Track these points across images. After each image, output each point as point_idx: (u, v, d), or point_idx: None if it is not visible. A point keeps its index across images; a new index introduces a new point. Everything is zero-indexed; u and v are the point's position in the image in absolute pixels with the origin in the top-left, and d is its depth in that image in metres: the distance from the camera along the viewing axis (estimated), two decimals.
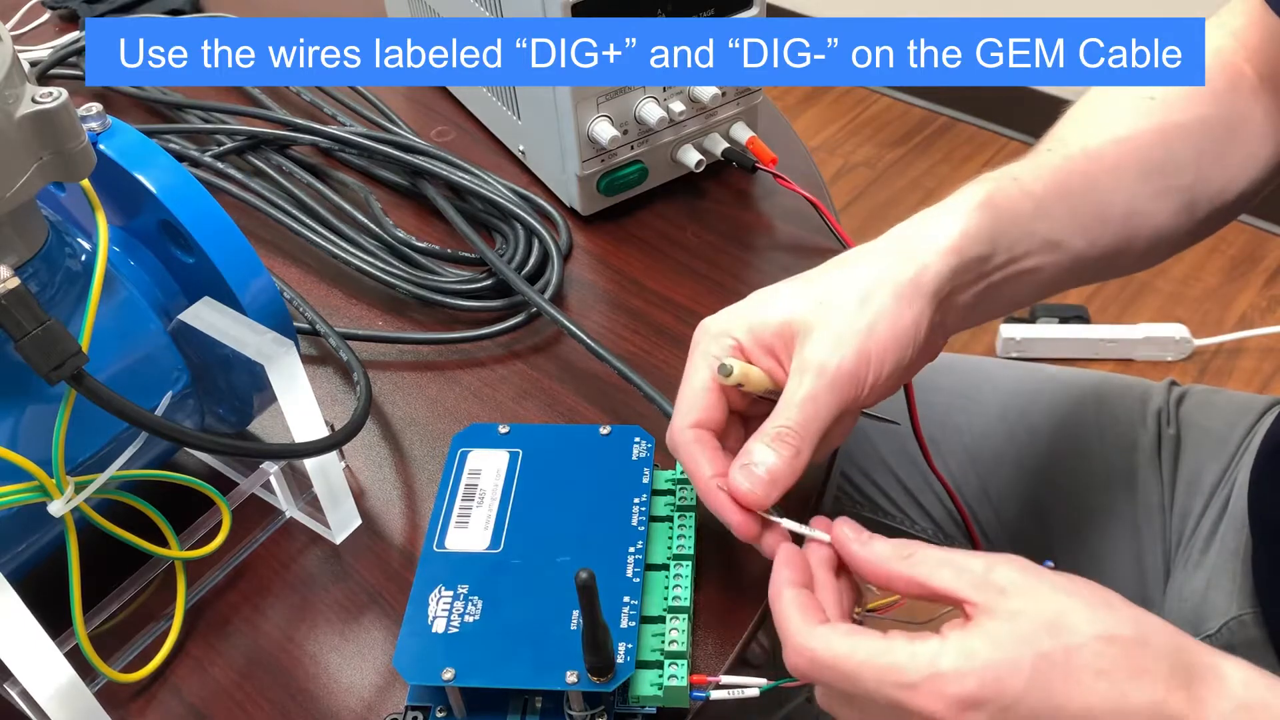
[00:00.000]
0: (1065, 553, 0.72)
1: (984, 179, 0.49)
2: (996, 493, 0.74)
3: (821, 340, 0.44)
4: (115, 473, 0.46)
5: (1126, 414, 0.73)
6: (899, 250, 0.47)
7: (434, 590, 0.46)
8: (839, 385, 0.44)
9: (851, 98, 2.20)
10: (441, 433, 0.59)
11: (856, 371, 0.44)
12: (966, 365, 0.81)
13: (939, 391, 0.78)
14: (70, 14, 0.94)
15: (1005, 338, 1.65)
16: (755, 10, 0.66)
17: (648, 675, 0.44)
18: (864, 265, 0.47)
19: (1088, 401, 0.75)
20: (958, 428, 0.76)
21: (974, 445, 0.75)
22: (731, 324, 0.47)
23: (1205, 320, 1.70)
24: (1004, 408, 0.76)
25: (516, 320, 0.64)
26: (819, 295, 0.46)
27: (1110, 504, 0.71)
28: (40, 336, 0.40)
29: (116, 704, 0.48)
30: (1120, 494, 0.71)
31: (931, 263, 0.46)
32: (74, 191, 0.50)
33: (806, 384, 0.44)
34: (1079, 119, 0.55)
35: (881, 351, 0.44)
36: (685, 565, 0.47)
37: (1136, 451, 0.72)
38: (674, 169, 0.71)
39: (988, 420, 0.75)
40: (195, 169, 0.72)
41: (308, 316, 0.63)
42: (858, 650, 0.38)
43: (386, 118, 0.77)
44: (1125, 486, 0.71)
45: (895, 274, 0.46)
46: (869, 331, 0.44)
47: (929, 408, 0.77)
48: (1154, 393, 0.75)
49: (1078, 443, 0.73)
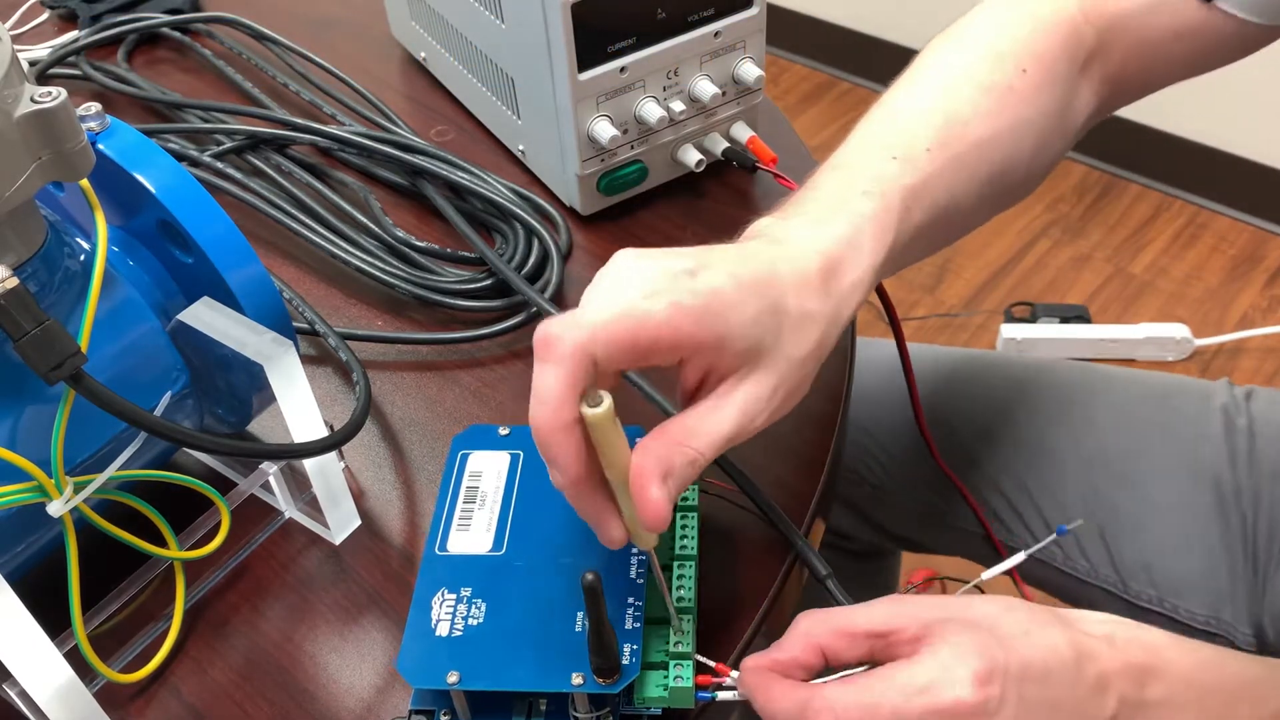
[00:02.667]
0: (1128, 546, 0.72)
1: (885, 195, 0.48)
2: (1058, 485, 0.74)
3: (764, 381, 0.43)
4: (114, 473, 0.46)
5: (1190, 410, 0.74)
6: (821, 289, 0.45)
7: (437, 593, 0.45)
8: (760, 422, 0.44)
9: (852, 97, 2.20)
10: (441, 433, 0.59)
11: (781, 409, 0.45)
12: (1024, 364, 0.81)
13: (996, 388, 0.78)
14: (69, 13, 0.94)
15: (1005, 338, 1.65)
16: (755, 10, 0.66)
17: (653, 676, 0.44)
18: (791, 296, 0.44)
19: (1149, 398, 0.76)
20: (1018, 423, 0.76)
21: (1035, 441, 0.75)
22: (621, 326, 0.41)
23: (1206, 320, 1.70)
24: (1064, 403, 0.76)
25: (516, 320, 0.64)
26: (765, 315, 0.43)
27: (1178, 497, 0.72)
28: (39, 336, 0.40)
29: (115, 704, 0.48)
30: (1187, 486, 0.72)
31: (851, 304, 0.46)
32: (73, 191, 0.50)
33: (731, 423, 0.43)
34: (948, 108, 0.53)
35: (804, 381, 0.45)
36: (689, 566, 0.47)
37: (1205, 444, 0.72)
38: (674, 169, 0.71)
39: (1049, 416, 0.76)
40: (194, 169, 0.72)
41: (307, 316, 0.62)
42: (861, 689, 0.39)
43: (386, 117, 0.77)
44: (1193, 479, 0.72)
45: (826, 312, 0.45)
46: (802, 376, 0.45)
47: (986, 403, 0.77)
48: (1215, 390, 0.76)
49: (1141, 438, 0.74)
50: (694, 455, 0.41)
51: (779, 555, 0.52)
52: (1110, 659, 0.41)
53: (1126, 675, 0.41)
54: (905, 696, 0.38)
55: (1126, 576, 0.72)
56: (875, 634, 0.41)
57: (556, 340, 0.40)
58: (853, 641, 0.42)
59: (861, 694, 0.39)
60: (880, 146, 0.50)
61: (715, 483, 0.52)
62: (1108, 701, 0.40)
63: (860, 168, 0.49)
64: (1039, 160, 0.56)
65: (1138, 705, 0.41)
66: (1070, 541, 0.73)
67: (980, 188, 0.52)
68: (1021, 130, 0.54)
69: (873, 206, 0.47)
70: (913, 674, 0.39)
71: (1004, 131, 0.53)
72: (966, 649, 0.39)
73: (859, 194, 0.47)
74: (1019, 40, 0.55)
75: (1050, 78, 0.54)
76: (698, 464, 0.42)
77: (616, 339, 0.40)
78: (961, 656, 0.39)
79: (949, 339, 1.73)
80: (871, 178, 0.48)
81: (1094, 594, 0.74)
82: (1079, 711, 0.40)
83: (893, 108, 0.53)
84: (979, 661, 0.38)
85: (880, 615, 0.42)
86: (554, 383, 0.39)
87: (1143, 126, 1.89)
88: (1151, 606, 0.72)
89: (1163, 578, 0.71)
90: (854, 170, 0.49)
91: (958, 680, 0.38)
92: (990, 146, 0.52)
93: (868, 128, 0.53)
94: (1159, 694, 0.41)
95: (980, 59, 0.54)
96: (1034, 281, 1.80)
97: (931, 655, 0.39)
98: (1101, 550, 0.73)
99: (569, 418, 0.40)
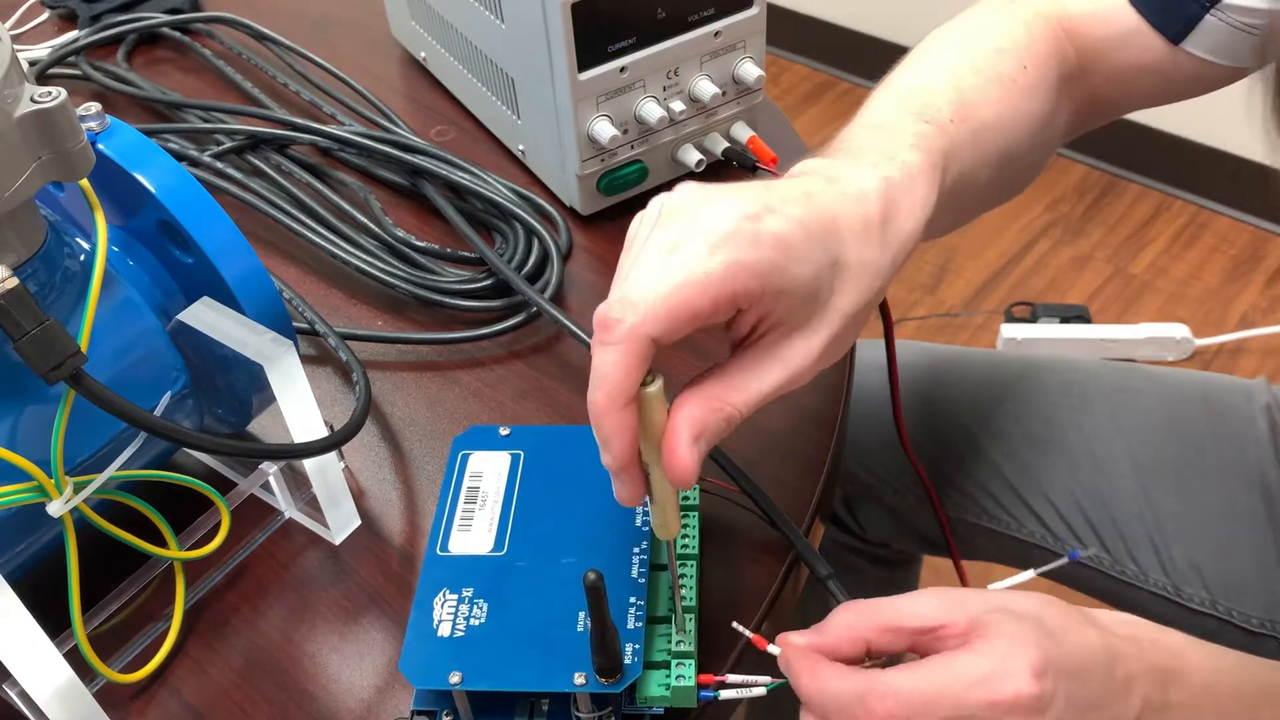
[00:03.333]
0: (1178, 549, 0.72)
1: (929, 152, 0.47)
2: (1110, 490, 0.74)
3: (814, 337, 0.42)
4: (114, 473, 0.46)
5: (1234, 411, 0.75)
6: (880, 236, 0.44)
7: (438, 594, 0.45)
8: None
9: (852, 97, 2.20)
10: (441, 433, 0.59)
11: (827, 363, 0.44)
12: (1069, 365, 0.81)
13: (1044, 390, 0.78)
14: (69, 13, 0.94)
15: (1006, 338, 1.65)
16: (755, 10, 0.66)
17: (655, 676, 0.44)
18: (851, 246, 0.43)
19: (1194, 400, 0.76)
20: (1064, 425, 0.76)
21: (1084, 444, 0.75)
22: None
23: (1206, 320, 1.70)
24: (1114, 405, 0.76)
25: (516, 320, 0.63)
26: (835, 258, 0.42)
27: (1230, 499, 0.72)
28: (39, 336, 0.40)
29: (115, 704, 0.48)
30: (1237, 486, 0.72)
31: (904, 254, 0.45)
32: (73, 191, 0.50)
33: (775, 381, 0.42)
34: (959, 88, 0.53)
35: (853, 335, 0.44)
36: (690, 565, 0.47)
37: (1251, 445, 0.73)
38: (674, 168, 0.71)
39: (1098, 420, 0.76)
40: (194, 169, 0.72)
41: (307, 316, 0.62)
42: (924, 678, 0.39)
43: (386, 117, 0.77)
44: (1244, 480, 0.72)
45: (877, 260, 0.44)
46: (853, 329, 0.44)
47: (1032, 406, 0.77)
48: (1256, 390, 0.76)
49: (1189, 440, 0.74)
50: (731, 413, 0.41)
51: (779, 555, 0.52)
52: (1136, 660, 0.40)
53: (1150, 677, 0.40)
54: (966, 687, 0.38)
55: (1178, 580, 0.72)
56: (924, 629, 0.40)
57: (615, 324, 0.38)
58: (898, 636, 0.41)
59: (925, 683, 0.38)
60: (909, 112, 0.49)
61: (716, 482, 0.52)
62: (1133, 701, 0.40)
63: (898, 127, 0.48)
64: (1035, 156, 0.57)
65: (1161, 708, 0.40)
66: (1119, 545, 0.73)
67: (990, 170, 0.52)
68: (1024, 120, 0.54)
69: (920, 160, 0.46)
70: (973, 665, 0.38)
71: (1009, 118, 0.53)
72: (1024, 642, 0.38)
73: (906, 146, 0.47)
74: (1017, 40, 0.55)
75: (1044, 80, 0.55)
76: (734, 421, 0.41)
77: (674, 313, 0.38)
78: (1020, 649, 0.38)
79: (949, 339, 1.73)
80: (913, 134, 0.47)
81: (1143, 598, 0.74)
82: (1109, 711, 0.39)
83: (905, 85, 0.53)
84: (1036, 654, 0.38)
85: (929, 609, 0.40)
86: (610, 366, 0.38)
87: (1143, 126, 1.89)
88: (1205, 610, 0.72)
89: (1215, 580, 0.71)
90: (893, 129, 0.48)
91: (1017, 672, 0.38)
92: (998, 129, 0.52)
93: (886, 99, 0.52)
94: (1181, 697, 0.41)
95: (982, 51, 0.54)
96: (1034, 281, 1.80)
97: (989, 647, 0.38)
98: (1151, 554, 0.73)
99: (625, 399, 0.39)
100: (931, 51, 0.55)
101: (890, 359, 0.62)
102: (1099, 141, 1.95)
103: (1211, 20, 0.54)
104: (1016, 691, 0.37)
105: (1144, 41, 0.56)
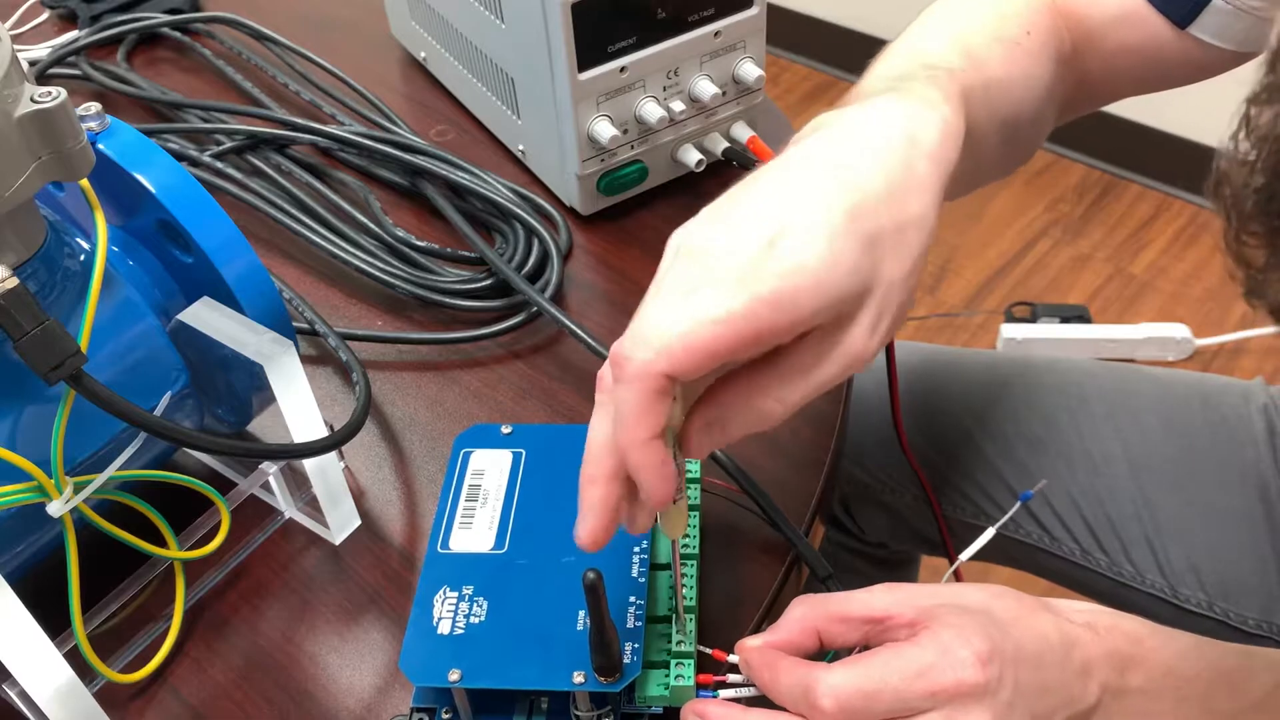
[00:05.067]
0: (1175, 550, 0.72)
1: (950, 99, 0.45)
2: (1108, 491, 0.74)
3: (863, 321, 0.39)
4: (114, 473, 0.46)
5: (1233, 411, 0.74)
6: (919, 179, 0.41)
7: (439, 591, 0.45)
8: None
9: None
10: (441, 433, 0.59)
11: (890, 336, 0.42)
12: (1067, 366, 0.81)
13: (1042, 391, 0.78)
14: (69, 13, 0.94)
15: (1006, 338, 1.65)
16: (755, 10, 0.66)
17: (655, 675, 0.44)
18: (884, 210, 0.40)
19: (1191, 400, 0.76)
20: (1061, 426, 0.76)
21: (1082, 445, 0.75)
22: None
23: (1206, 320, 1.70)
24: (1112, 406, 0.76)
25: (516, 320, 0.63)
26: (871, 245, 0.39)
27: (1227, 500, 0.72)
28: (39, 336, 0.40)
29: (115, 704, 0.48)
30: (1234, 488, 0.72)
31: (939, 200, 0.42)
32: (73, 191, 0.50)
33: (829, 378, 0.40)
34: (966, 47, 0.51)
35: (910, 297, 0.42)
36: (689, 565, 0.47)
37: (1249, 446, 0.73)
38: (674, 168, 0.71)
39: (1095, 420, 0.76)
40: (194, 168, 0.72)
41: (307, 316, 0.62)
42: (863, 674, 0.39)
43: (386, 117, 0.77)
44: (1241, 481, 0.72)
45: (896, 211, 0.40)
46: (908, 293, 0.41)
47: (1030, 407, 0.77)
48: (1253, 391, 0.76)
49: (1187, 441, 0.74)
50: (775, 407, 0.39)
51: (779, 555, 0.52)
52: (1093, 646, 0.41)
53: (1108, 662, 0.41)
54: (906, 679, 0.38)
55: (1175, 581, 0.72)
56: (871, 619, 0.41)
57: (625, 361, 0.37)
58: (848, 627, 0.42)
59: (863, 678, 0.39)
60: (921, 66, 0.48)
61: (716, 482, 0.52)
62: (1091, 687, 0.40)
63: (912, 75, 0.46)
64: (1038, 125, 0.56)
65: (1119, 692, 0.41)
66: (1116, 546, 0.73)
67: (997, 133, 0.51)
68: (1030, 83, 0.53)
69: (939, 95, 0.44)
70: (914, 656, 0.39)
71: (1016, 79, 0.52)
72: (967, 631, 0.39)
73: (923, 81, 0.45)
74: (1019, 8, 0.54)
75: (1046, 50, 0.55)
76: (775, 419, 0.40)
77: (693, 352, 0.37)
78: (963, 638, 0.39)
79: (949, 339, 1.73)
80: (927, 78, 0.45)
81: (1140, 599, 0.74)
82: (1066, 696, 0.40)
83: (913, 45, 0.51)
84: (981, 643, 0.39)
85: (876, 601, 0.42)
86: (624, 405, 0.38)
87: (1143, 126, 1.89)
88: (1201, 611, 0.72)
89: (1212, 581, 0.71)
90: (910, 80, 0.46)
91: (960, 662, 0.38)
92: (1005, 88, 0.51)
93: (895, 56, 0.50)
94: (1139, 681, 0.41)
95: (986, 16, 0.53)
96: (1034, 281, 1.80)
97: (932, 638, 0.39)
98: (1148, 555, 0.73)
99: (644, 435, 0.37)
100: (933, 17, 0.54)
101: (889, 360, 0.62)
102: (1099, 141, 1.95)
103: (1219, 2, 0.54)
104: (958, 680, 0.38)
105: (1143, 23, 0.56)
